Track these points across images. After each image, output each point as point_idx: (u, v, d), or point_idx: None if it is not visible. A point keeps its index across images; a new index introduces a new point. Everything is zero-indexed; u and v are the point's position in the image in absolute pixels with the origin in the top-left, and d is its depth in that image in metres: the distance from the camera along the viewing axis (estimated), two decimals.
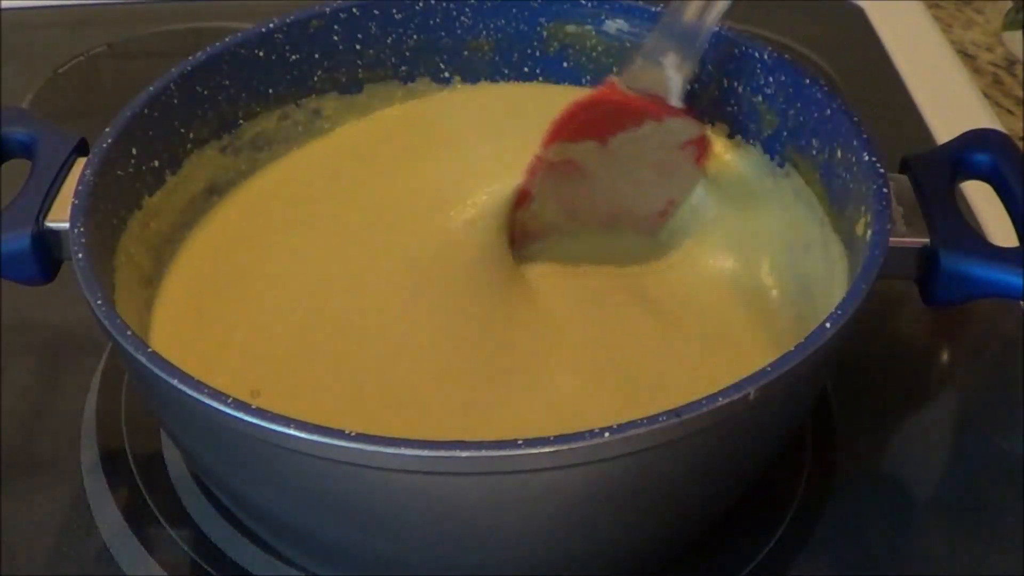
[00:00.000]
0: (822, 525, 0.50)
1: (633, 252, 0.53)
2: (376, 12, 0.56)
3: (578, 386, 0.47)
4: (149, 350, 0.40)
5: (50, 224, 0.47)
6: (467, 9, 0.57)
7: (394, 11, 0.57)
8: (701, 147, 0.53)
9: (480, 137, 0.57)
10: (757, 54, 0.53)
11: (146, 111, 0.50)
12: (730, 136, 0.55)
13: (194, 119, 0.53)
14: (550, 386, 0.47)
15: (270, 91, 0.55)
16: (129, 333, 0.41)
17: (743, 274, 0.52)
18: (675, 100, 0.51)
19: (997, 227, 0.60)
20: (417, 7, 0.57)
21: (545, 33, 0.57)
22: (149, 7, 0.83)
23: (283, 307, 0.50)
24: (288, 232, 0.54)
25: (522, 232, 0.52)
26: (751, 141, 0.55)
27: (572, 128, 0.51)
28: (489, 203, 0.52)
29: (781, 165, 0.53)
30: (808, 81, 0.51)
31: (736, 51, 0.54)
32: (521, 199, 0.52)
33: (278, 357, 0.48)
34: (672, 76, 0.50)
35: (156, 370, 0.39)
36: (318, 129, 0.58)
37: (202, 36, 0.56)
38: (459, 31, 0.58)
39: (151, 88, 0.51)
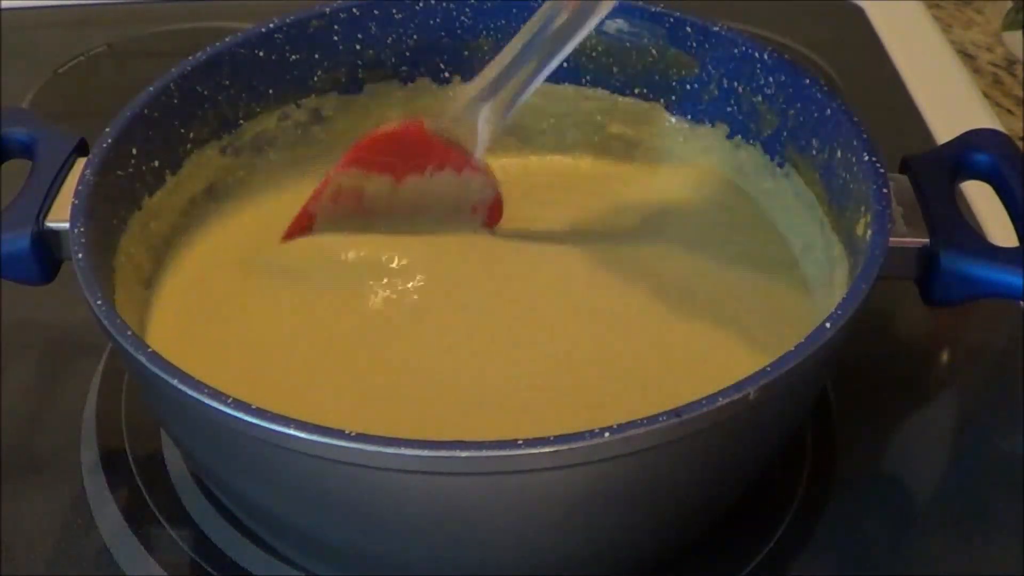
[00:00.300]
0: (822, 525, 0.50)
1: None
2: (376, 12, 0.56)
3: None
4: (149, 350, 0.40)
5: (50, 224, 0.47)
6: (467, 9, 0.57)
7: (394, 11, 0.57)
8: (494, 210, 0.53)
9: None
10: (757, 54, 0.53)
11: (146, 111, 0.50)
12: (730, 136, 0.55)
13: (194, 119, 0.53)
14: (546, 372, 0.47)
15: (270, 91, 0.55)
16: (129, 333, 0.41)
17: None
18: (479, 155, 0.51)
19: (997, 227, 0.59)
20: (417, 7, 0.57)
21: None
22: (149, 7, 0.83)
23: (282, 308, 0.50)
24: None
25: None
26: (751, 141, 0.55)
27: (372, 156, 0.51)
28: None
29: (781, 165, 0.53)
30: (808, 81, 0.51)
31: (736, 51, 0.54)
32: (302, 220, 0.52)
33: (277, 357, 0.48)
34: (482, 130, 0.50)
35: (156, 370, 0.39)
36: (319, 132, 0.58)
37: (202, 36, 0.56)
38: (459, 31, 0.58)
39: (151, 88, 0.51)
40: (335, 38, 0.56)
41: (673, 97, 0.57)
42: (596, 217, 0.55)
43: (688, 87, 0.56)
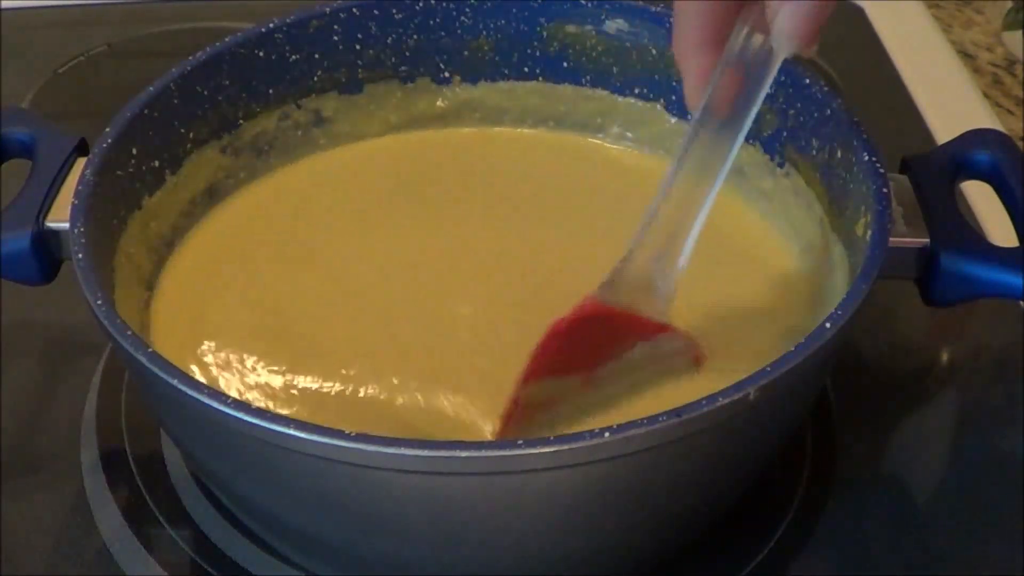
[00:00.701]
0: (822, 525, 0.50)
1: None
2: (376, 12, 0.56)
3: None
4: (149, 350, 0.40)
5: (50, 224, 0.47)
6: (467, 9, 0.57)
7: (394, 11, 0.57)
8: (698, 358, 0.47)
9: None
10: None
11: (146, 111, 0.50)
12: None
13: (194, 119, 0.53)
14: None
15: (270, 91, 0.55)
16: (129, 333, 0.41)
17: None
18: (664, 314, 0.45)
19: (997, 227, 0.60)
20: (417, 7, 0.57)
21: (545, 33, 0.57)
22: (149, 7, 0.83)
23: (282, 307, 0.50)
24: (287, 235, 0.54)
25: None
26: (751, 141, 0.55)
27: (554, 360, 0.44)
28: None
29: (781, 165, 0.53)
30: (808, 81, 0.51)
31: None
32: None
33: (277, 356, 0.48)
34: (662, 284, 0.44)
35: (156, 370, 0.39)
36: (319, 134, 0.58)
37: (202, 36, 0.56)
38: (459, 31, 0.58)
39: (151, 88, 0.51)
40: (335, 38, 0.56)
41: (673, 97, 0.57)
42: (595, 217, 0.55)
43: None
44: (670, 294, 0.44)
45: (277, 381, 0.47)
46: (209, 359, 0.48)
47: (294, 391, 0.47)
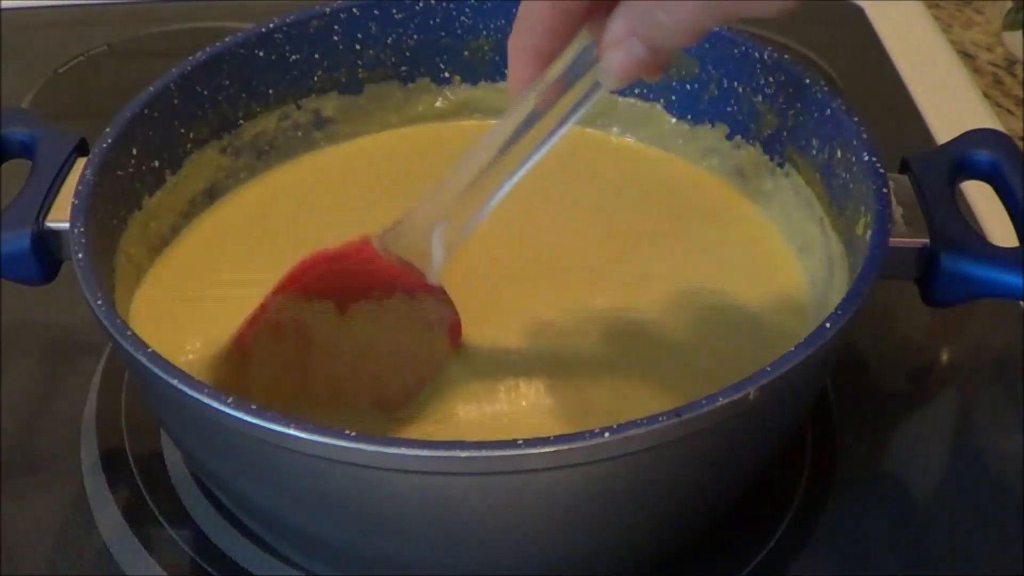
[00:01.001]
0: (822, 525, 0.50)
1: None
2: (376, 12, 0.56)
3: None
4: (149, 350, 0.40)
5: (50, 224, 0.47)
6: (467, 9, 0.57)
7: (394, 11, 0.57)
8: (454, 331, 0.47)
9: None
10: (757, 54, 0.53)
11: (146, 111, 0.50)
12: (730, 136, 0.55)
13: (194, 119, 0.53)
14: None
15: (270, 91, 0.55)
16: (129, 333, 0.41)
17: None
18: (433, 277, 0.45)
19: (997, 227, 0.60)
20: (417, 7, 0.57)
21: None
22: (149, 7, 0.83)
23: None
24: (286, 234, 0.54)
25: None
26: (751, 141, 0.55)
27: (309, 280, 0.45)
28: None
29: (781, 165, 0.53)
30: (808, 81, 0.51)
31: (736, 51, 0.54)
32: (233, 352, 0.45)
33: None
34: (436, 252, 0.44)
35: (156, 370, 0.39)
36: (319, 135, 0.58)
37: (202, 36, 0.56)
38: (459, 31, 0.58)
39: (151, 88, 0.51)
40: (335, 38, 0.56)
41: (673, 97, 0.57)
42: (594, 216, 0.55)
43: (688, 87, 0.56)
44: (441, 262, 0.44)
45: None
46: (193, 358, 0.48)
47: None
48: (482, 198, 0.43)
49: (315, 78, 0.56)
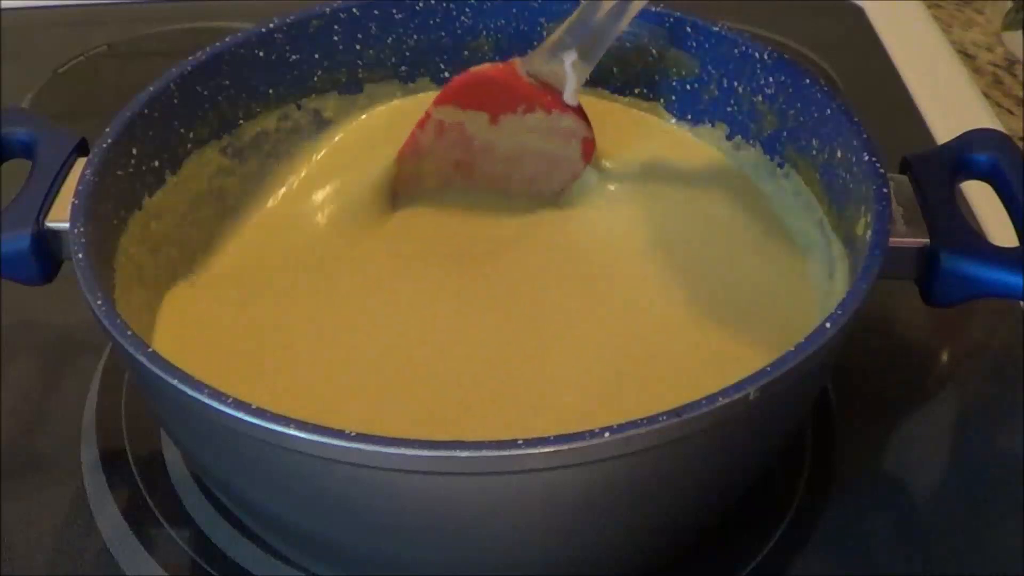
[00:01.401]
0: (822, 525, 0.50)
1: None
2: (376, 12, 0.56)
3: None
4: (149, 350, 0.40)
5: (50, 224, 0.47)
6: (467, 9, 0.57)
7: (394, 11, 0.57)
8: (587, 146, 0.54)
9: None
10: (757, 54, 0.53)
11: (146, 111, 0.50)
12: (730, 136, 0.55)
13: (194, 119, 0.53)
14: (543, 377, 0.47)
15: (270, 91, 0.55)
16: (129, 333, 0.41)
17: None
18: (569, 97, 0.52)
19: (997, 227, 0.60)
20: (417, 7, 0.57)
21: (545, 33, 0.57)
22: (149, 7, 0.83)
23: (283, 307, 0.50)
24: (291, 235, 0.54)
25: (413, 179, 0.54)
26: (751, 141, 0.55)
27: (465, 95, 0.53)
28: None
29: (781, 165, 0.53)
30: (808, 81, 0.51)
31: (736, 51, 0.54)
32: (408, 149, 0.54)
33: (279, 356, 0.48)
34: (569, 74, 0.51)
35: (156, 370, 0.39)
36: (318, 132, 0.58)
37: (202, 36, 0.56)
38: (459, 31, 0.58)
39: (151, 88, 0.51)
40: (335, 38, 0.56)
41: (673, 97, 0.57)
42: (594, 215, 0.55)
43: (688, 87, 0.56)
44: (575, 85, 0.52)
45: (279, 378, 0.47)
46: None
47: (298, 387, 0.47)
48: (611, 16, 0.50)
49: (315, 78, 0.56)
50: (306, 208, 0.55)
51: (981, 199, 0.61)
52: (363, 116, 0.58)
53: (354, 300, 0.51)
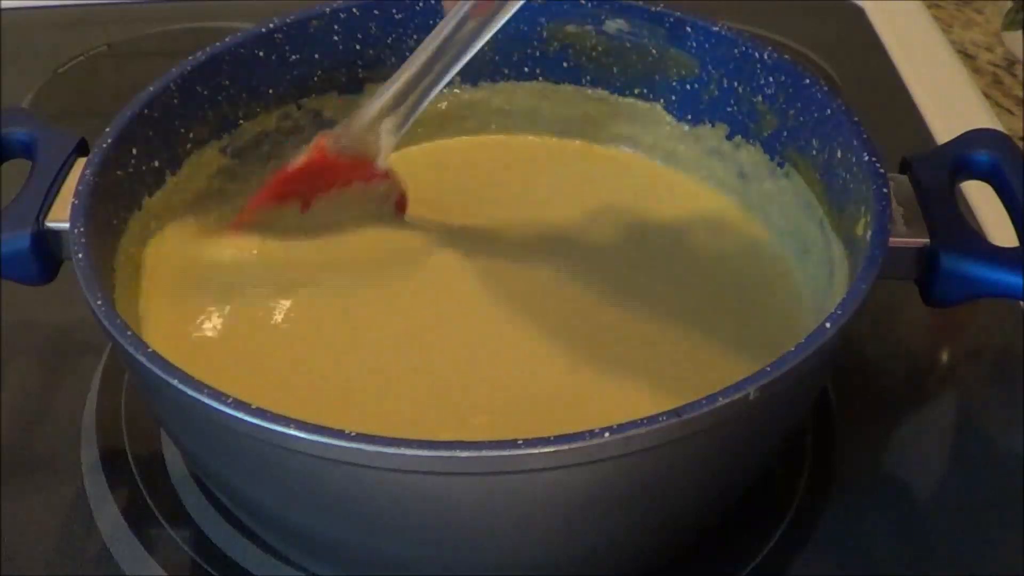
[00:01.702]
0: (822, 525, 0.50)
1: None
2: (376, 12, 0.56)
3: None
4: (149, 350, 0.40)
5: (50, 224, 0.47)
6: None
7: (394, 11, 0.57)
8: (401, 202, 0.54)
9: None
10: (757, 54, 0.53)
11: (146, 111, 0.50)
12: (730, 136, 0.55)
13: (194, 119, 0.53)
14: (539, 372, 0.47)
15: (270, 91, 0.55)
16: (129, 333, 0.41)
17: None
18: (382, 162, 0.52)
19: (997, 227, 0.60)
20: (417, 7, 0.57)
21: (545, 33, 0.57)
22: (149, 7, 0.83)
23: (283, 307, 0.50)
24: (292, 235, 0.54)
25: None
26: (751, 141, 0.55)
27: (282, 190, 0.52)
28: None
29: (781, 165, 0.53)
30: (808, 81, 0.51)
31: (736, 51, 0.54)
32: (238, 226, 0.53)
33: (278, 356, 0.48)
34: (384, 141, 0.51)
35: (156, 370, 0.39)
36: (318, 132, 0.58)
37: (202, 36, 0.56)
38: None
39: (151, 88, 0.51)
40: (335, 38, 0.56)
41: (673, 97, 0.57)
42: (594, 215, 0.55)
43: (688, 87, 0.56)
44: (389, 149, 0.52)
45: (279, 378, 0.47)
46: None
47: (296, 387, 0.47)
48: (427, 84, 0.50)
49: (315, 78, 0.56)
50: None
51: (981, 199, 0.61)
52: None
53: (354, 300, 0.51)
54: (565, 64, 0.58)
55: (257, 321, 0.50)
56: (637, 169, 0.58)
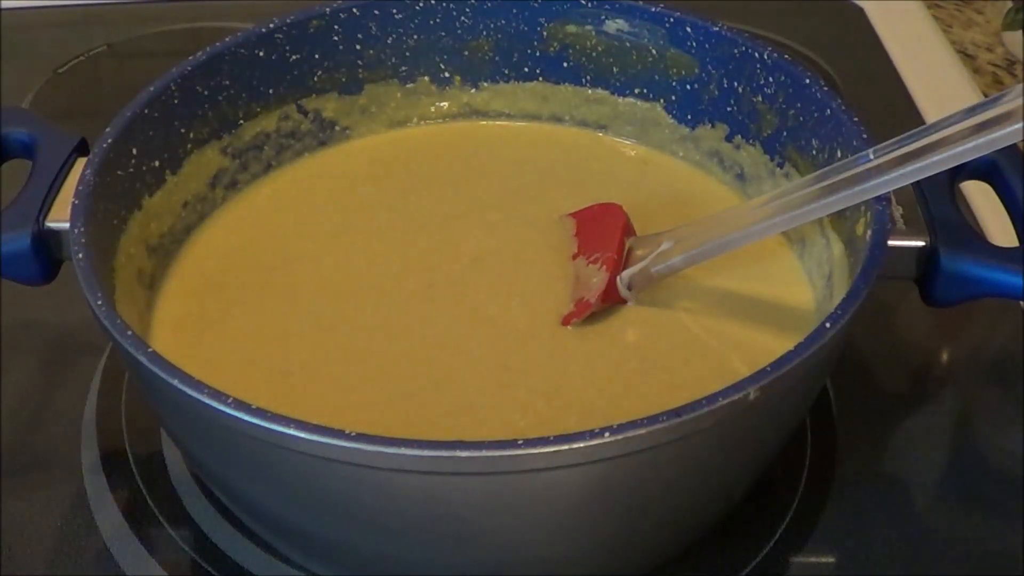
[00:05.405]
0: (822, 525, 0.50)
1: None
2: (376, 12, 0.56)
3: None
4: (149, 350, 0.40)
5: (50, 224, 0.47)
6: (467, 9, 0.57)
7: (394, 11, 0.57)
8: (578, 308, 0.51)
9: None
10: (757, 54, 0.53)
11: (146, 111, 0.50)
12: (730, 136, 0.55)
13: (194, 119, 0.53)
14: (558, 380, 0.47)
15: (270, 91, 0.55)
16: (129, 333, 0.41)
17: None
18: (624, 295, 0.50)
19: (997, 227, 0.60)
20: (417, 7, 0.57)
21: (545, 33, 0.57)
22: (149, 7, 0.83)
23: (285, 310, 0.50)
24: (291, 236, 0.54)
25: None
26: (751, 141, 0.55)
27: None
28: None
29: (781, 165, 0.53)
30: (808, 81, 0.51)
31: (736, 51, 0.54)
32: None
33: (278, 356, 0.48)
34: (638, 280, 0.50)
35: (156, 370, 0.39)
36: (320, 136, 0.58)
37: (202, 36, 0.56)
38: (459, 31, 0.58)
39: (151, 88, 0.51)
40: (335, 38, 0.56)
41: (673, 97, 0.57)
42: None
43: (688, 87, 0.56)
44: (636, 288, 0.50)
45: (279, 378, 0.47)
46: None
47: (297, 386, 0.47)
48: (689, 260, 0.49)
49: (315, 78, 0.56)
50: (305, 209, 0.55)
51: (981, 199, 0.61)
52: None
53: (354, 299, 0.51)
54: (565, 64, 0.58)
55: (257, 321, 0.50)
56: (637, 167, 0.58)
